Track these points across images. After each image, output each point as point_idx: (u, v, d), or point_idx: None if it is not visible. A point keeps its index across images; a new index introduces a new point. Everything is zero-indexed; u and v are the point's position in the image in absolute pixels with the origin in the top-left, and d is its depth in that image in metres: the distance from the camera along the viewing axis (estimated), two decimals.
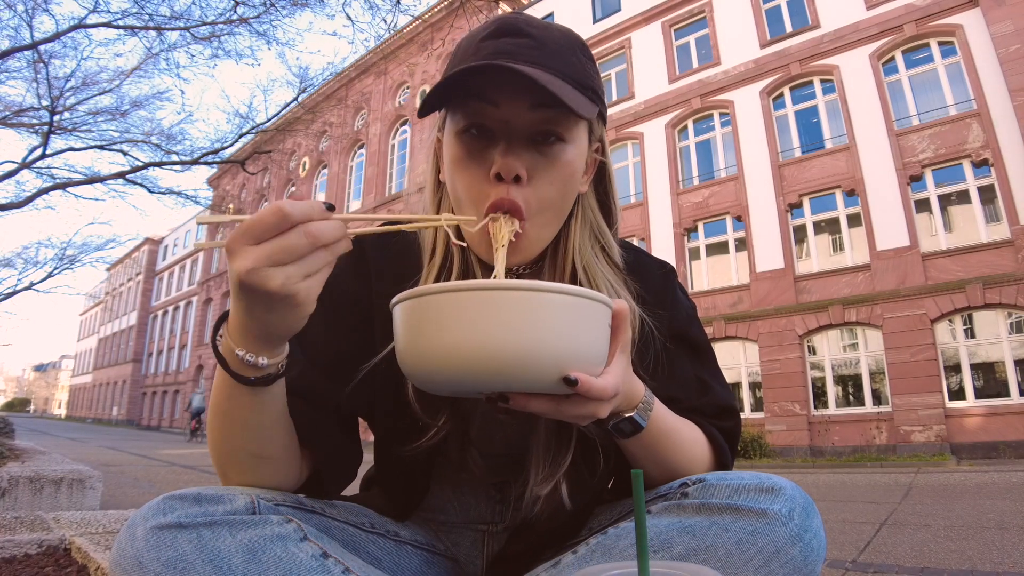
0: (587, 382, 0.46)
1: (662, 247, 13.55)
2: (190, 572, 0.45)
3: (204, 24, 9.28)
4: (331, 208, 0.46)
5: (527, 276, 0.71)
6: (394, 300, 0.49)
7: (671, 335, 0.73)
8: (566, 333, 0.45)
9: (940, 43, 11.23)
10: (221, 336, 0.50)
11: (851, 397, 11.24)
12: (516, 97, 0.58)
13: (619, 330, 0.53)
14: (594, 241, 0.70)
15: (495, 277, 0.56)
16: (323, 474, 0.64)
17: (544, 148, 0.60)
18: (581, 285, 0.66)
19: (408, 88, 21.10)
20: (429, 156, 0.72)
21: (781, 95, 12.96)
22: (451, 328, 0.44)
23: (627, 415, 0.57)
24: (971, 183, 10.51)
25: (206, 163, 11.87)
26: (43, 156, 10.44)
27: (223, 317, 0.50)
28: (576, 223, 0.68)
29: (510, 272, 0.71)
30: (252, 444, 0.56)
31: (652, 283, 0.74)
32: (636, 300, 0.69)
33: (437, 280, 0.66)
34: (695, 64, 14.29)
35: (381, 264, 0.71)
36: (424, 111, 0.59)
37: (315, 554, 0.50)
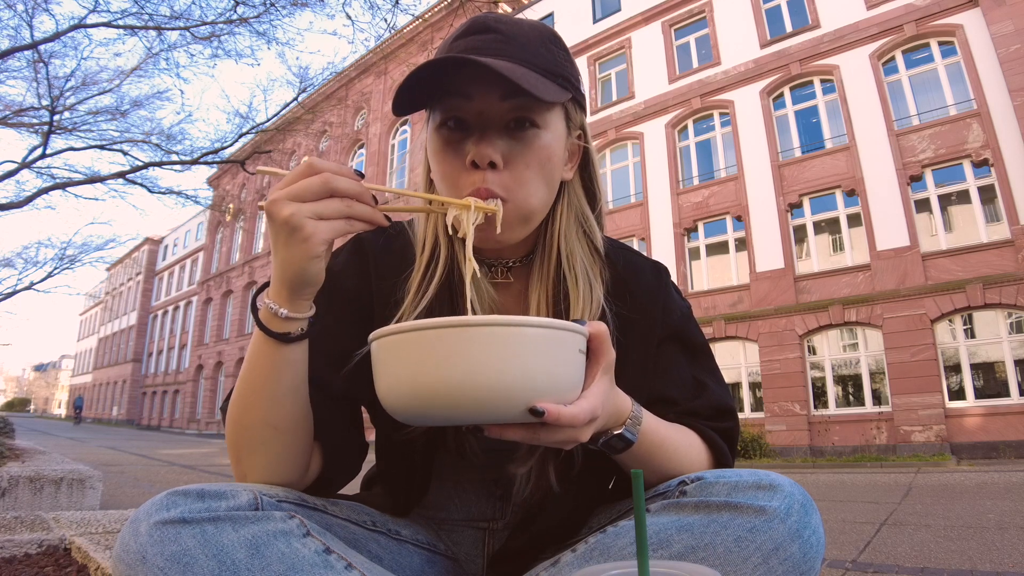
0: (555, 411, 0.46)
1: (662, 247, 13.56)
2: (194, 567, 0.46)
3: (204, 24, 9.28)
4: (360, 175, 0.54)
5: (518, 269, 0.72)
6: (370, 337, 0.51)
7: (666, 335, 0.73)
8: (528, 365, 0.45)
9: (940, 43, 11.23)
10: (262, 297, 0.57)
11: (851, 397, 11.25)
12: (487, 89, 0.60)
13: (598, 352, 0.53)
14: (578, 227, 0.72)
15: (468, 262, 0.58)
16: (330, 464, 0.65)
17: (518, 134, 0.62)
18: (563, 275, 0.68)
19: None
20: (421, 156, 0.74)
21: (781, 95, 12.97)
22: (413, 366, 0.46)
23: (616, 432, 0.57)
24: (971, 183, 10.51)
25: (206, 163, 11.87)
26: (43, 156, 10.44)
27: (267, 284, 0.57)
28: (562, 209, 0.70)
29: (502, 265, 0.72)
30: (270, 411, 0.58)
31: (645, 283, 0.74)
32: (608, 291, 0.71)
33: (425, 274, 0.68)
34: (695, 64, 14.29)
35: (381, 260, 0.72)
36: (398, 110, 0.61)
37: (318, 550, 0.50)
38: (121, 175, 11.07)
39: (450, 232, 0.60)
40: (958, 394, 10.11)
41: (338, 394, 0.66)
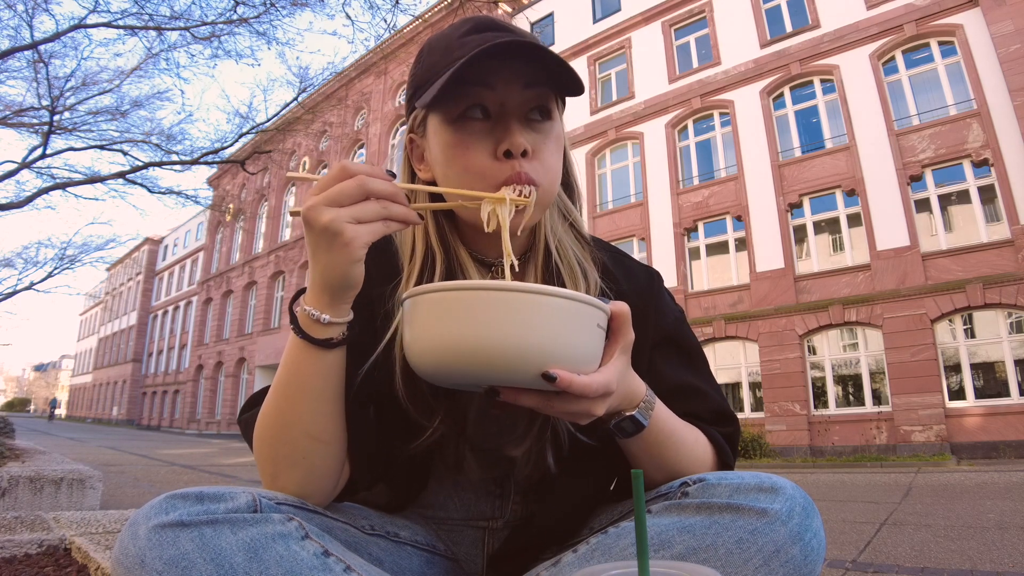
0: (567, 379, 0.47)
1: (662, 247, 13.56)
2: (192, 571, 0.45)
3: (204, 24, 9.28)
4: (392, 175, 0.54)
5: (518, 263, 0.72)
6: (403, 296, 0.53)
7: (660, 339, 0.73)
8: (546, 332, 0.47)
9: (940, 43, 11.24)
10: (298, 305, 0.57)
11: (851, 397, 11.25)
12: (510, 78, 0.61)
13: (619, 332, 0.54)
14: (562, 219, 0.74)
15: (506, 254, 0.59)
16: (359, 471, 0.65)
17: (537, 124, 0.64)
18: (555, 264, 0.69)
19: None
20: (399, 158, 0.74)
21: (781, 95, 12.97)
22: (436, 324, 0.49)
23: (628, 414, 0.58)
24: (971, 183, 10.51)
25: (206, 163, 11.87)
26: (43, 156, 10.44)
27: (302, 290, 0.57)
28: None
29: (502, 266, 0.71)
30: (312, 422, 0.58)
31: (637, 285, 0.75)
32: (601, 273, 0.72)
33: (420, 277, 0.68)
34: (695, 64, 14.29)
35: (377, 260, 0.71)
36: (439, 99, 0.60)
37: (316, 552, 0.50)
38: (121, 175, 11.06)
39: (486, 228, 0.59)
40: (958, 394, 10.11)
41: (358, 395, 0.65)
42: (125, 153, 11.40)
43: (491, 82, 0.61)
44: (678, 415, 0.67)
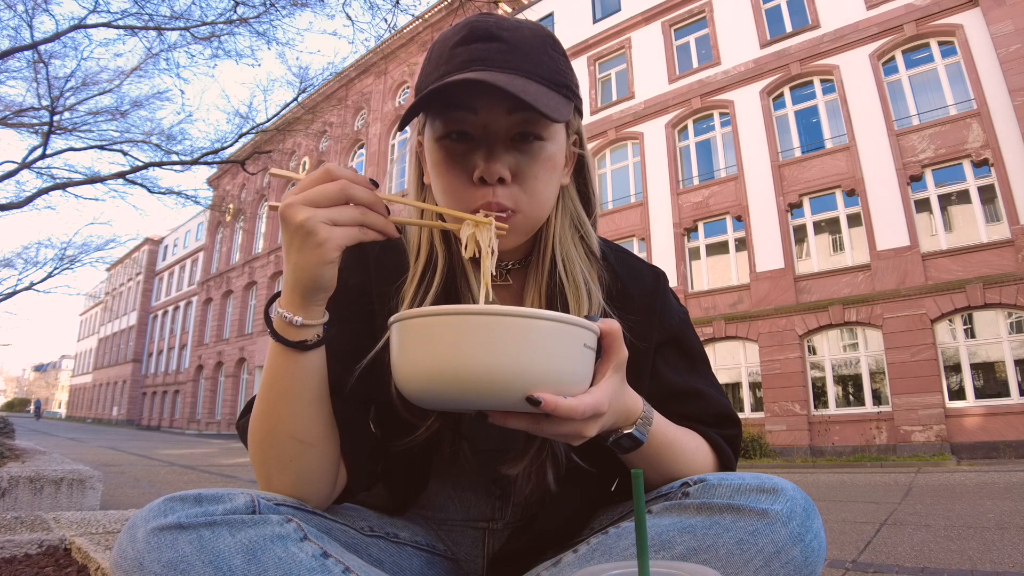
0: (552, 402, 0.46)
1: (662, 247, 13.56)
2: (190, 573, 0.45)
3: (204, 24, 9.29)
4: (375, 184, 0.54)
5: (516, 272, 0.72)
6: (390, 320, 0.52)
7: (664, 339, 0.73)
8: (529, 355, 0.46)
9: (940, 43, 11.23)
10: (273, 308, 0.57)
11: (851, 397, 11.24)
12: (493, 103, 0.59)
13: (610, 349, 0.53)
14: (573, 231, 0.71)
15: (483, 284, 0.57)
16: (355, 474, 0.65)
17: (524, 147, 0.61)
18: (560, 278, 0.68)
19: (408, 88, 21.10)
20: (410, 158, 0.73)
21: (781, 95, 12.96)
22: (417, 350, 0.48)
23: (626, 431, 0.57)
24: (971, 183, 10.51)
25: (206, 163, 11.88)
26: (43, 156, 10.45)
27: (279, 293, 0.57)
28: (557, 214, 0.69)
29: (500, 268, 0.72)
30: (295, 424, 0.57)
31: (643, 287, 0.74)
32: (606, 295, 0.70)
33: (422, 278, 0.68)
34: (695, 64, 14.28)
35: (380, 259, 0.72)
36: (404, 125, 0.61)
37: (315, 554, 0.50)
38: (121, 175, 11.08)
39: (463, 253, 0.59)
40: (958, 394, 10.11)
41: (353, 395, 0.65)
42: (125, 153, 11.42)
43: (473, 106, 0.59)
44: (680, 417, 0.67)
